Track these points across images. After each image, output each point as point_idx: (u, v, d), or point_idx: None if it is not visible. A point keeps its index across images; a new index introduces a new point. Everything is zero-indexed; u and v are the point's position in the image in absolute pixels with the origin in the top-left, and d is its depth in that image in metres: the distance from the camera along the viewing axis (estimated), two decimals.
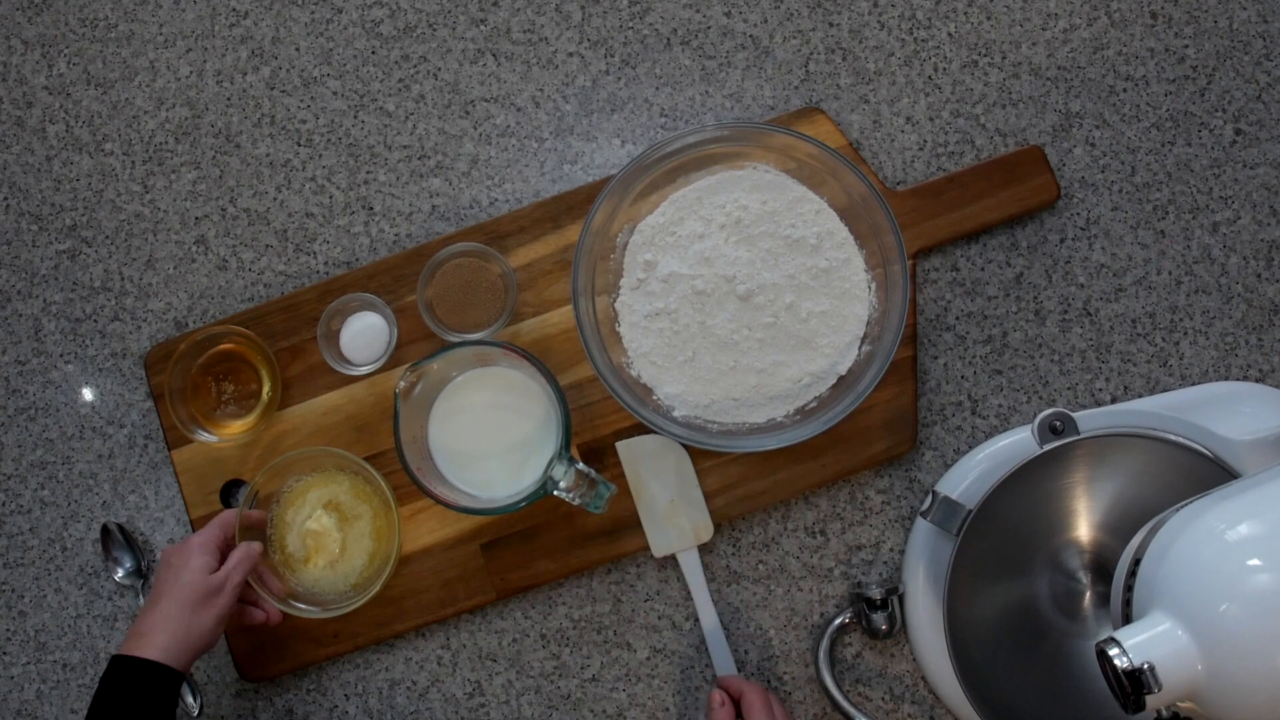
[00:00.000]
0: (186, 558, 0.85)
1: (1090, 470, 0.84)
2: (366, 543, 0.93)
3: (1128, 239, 0.97)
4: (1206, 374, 0.96)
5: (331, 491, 0.94)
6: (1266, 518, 0.61)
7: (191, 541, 0.87)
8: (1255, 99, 0.98)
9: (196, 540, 0.87)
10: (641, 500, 0.93)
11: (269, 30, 1.03)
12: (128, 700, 0.80)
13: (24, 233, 1.02)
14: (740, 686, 0.86)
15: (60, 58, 1.04)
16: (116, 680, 0.80)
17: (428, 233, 1.00)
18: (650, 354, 0.92)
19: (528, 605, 0.96)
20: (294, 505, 0.93)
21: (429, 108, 1.01)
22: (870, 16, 1.00)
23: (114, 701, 0.80)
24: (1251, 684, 0.58)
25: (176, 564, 0.85)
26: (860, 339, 0.92)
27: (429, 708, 0.95)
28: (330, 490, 0.94)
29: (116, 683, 0.80)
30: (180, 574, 0.84)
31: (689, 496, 0.93)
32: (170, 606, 0.83)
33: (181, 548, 0.86)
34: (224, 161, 1.02)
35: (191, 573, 0.84)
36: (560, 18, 1.01)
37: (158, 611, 0.83)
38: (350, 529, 0.93)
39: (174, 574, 0.84)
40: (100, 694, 0.80)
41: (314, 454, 0.92)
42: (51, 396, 1.00)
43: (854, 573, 0.95)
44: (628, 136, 1.00)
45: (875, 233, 0.90)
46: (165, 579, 0.85)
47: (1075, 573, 0.85)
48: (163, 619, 0.82)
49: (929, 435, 0.96)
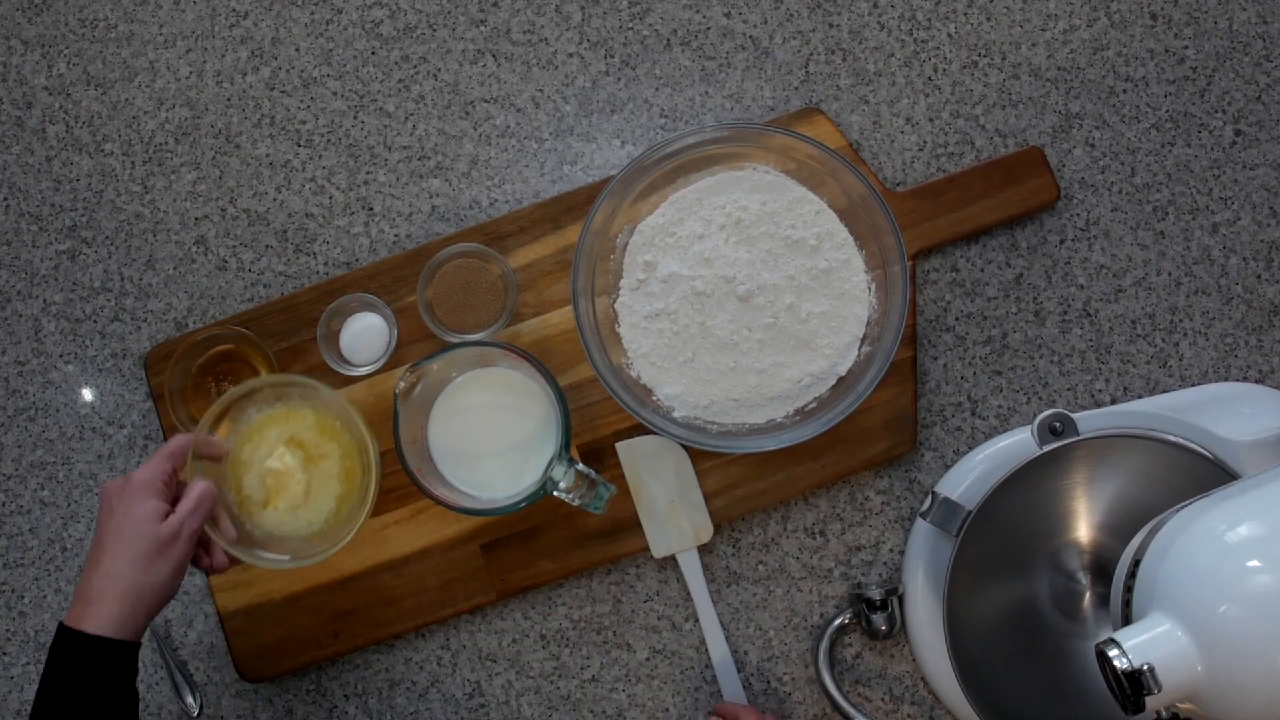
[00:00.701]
0: (131, 502, 0.74)
1: (1090, 471, 0.84)
2: (333, 485, 0.86)
3: (1127, 240, 0.97)
4: (1206, 375, 0.96)
5: (294, 427, 0.86)
6: (1266, 519, 0.61)
7: (135, 480, 0.75)
8: (1255, 100, 0.98)
9: (141, 477, 0.75)
10: (641, 501, 0.93)
11: (269, 31, 1.03)
12: (81, 684, 0.71)
13: (24, 233, 1.02)
14: (736, 713, 0.85)
15: (60, 58, 1.04)
16: (66, 660, 0.71)
17: (428, 233, 1.00)
18: (650, 355, 0.92)
19: (528, 605, 0.96)
20: (252, 441, 0.85)
21: (429, 108, 1.01)
22: (870, 17, 1.00)
23: (66, 686, 0.71)
24: (1251, 684, 0.58)
25: (120, 510, 0.74)
26: (860, 340, 0.92)
27: (429, 708, 0.95)
28: (293, 425, 0.86)
29: (66, 663, 0.71)
30: (126, 523, 0.73)
31: (689, 497, 0.93)
32: (118, 564, 0.72)
33: (123, 488, 0.75)
34: (224, 162, 1.02)
35: (140, 521, 0.73)
36: (560, 18, 1.01)
37: (103, 570, 0.72)
38: (315, 469, 0.86)
39: (118, 522, 0.74)
40: (50, 675, 0.71)
41: (278, 382, 0.84)
42: (51, 397, 1.00)
43: (854, 573, 0.95)
44: (628, 137, 1.00)
45: (875, 233, 0.90)
46: (109, 528, 0.73)
47: (1075, 573, 0.85)
48: (110, 580, 0.72)
49: (929, 436, 0.96)
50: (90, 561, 0.74)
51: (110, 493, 0.75)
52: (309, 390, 0.85)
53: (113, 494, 0.75)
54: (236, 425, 0.86)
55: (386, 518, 0.95)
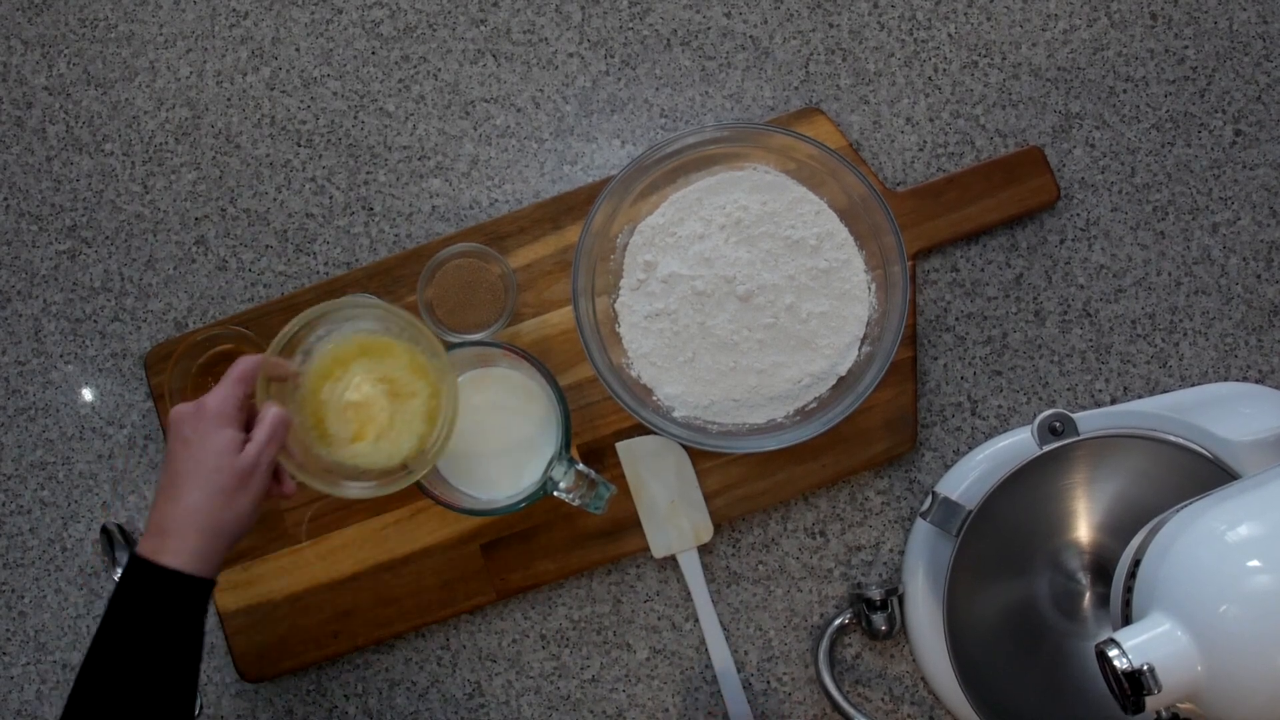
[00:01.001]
0: (206, 432, 0.71)
1: (1090, 471, 0.84)
2: (417, 424, 0.81)
3: (1127, 240, 0.97)
4: (1206, 375, 0.96)
5: (387, 366, 0.81)
6: (1266, 519, 0.61)
7: (209, 408, 0.72)
8: (1255, 100, 0.98)
9: (215, 406, 0.72)
10: (641, 501, 0.93)
11: (269, 30, 1.03)
12: (153, 617, 0.68)
13: (24, 233, 1.02)
14: None
15: (60, 58, 1.04)
16: (139, 591, 0.68)
17: (428, 233, 1.00)
18: (650, 355, 0.92)
19: (528, 606, 0.96)
20: (333, 368, 0.81)
21: (429, 108, 1.01)
22: (870, 17, 1.00)
23: (137, 617, 0.68)
24: (1251, 684, 0.58)
25: (196, 440, 0.71)
26: (860, 340, 0.92)
27: (429, 708, 0.95)
28: (386, 364, 0.81)
29: (139, 594, 0.68)
30: (203, 455, 0.71)
31: (689, 497, 0.93)
32: (198, 497, 0.70)
33: (197, 418, 0.72)
34: (224, 162, 1.02)
35: (218, 454, 0.71)
36: (560, 18, 1.01)
37: (184, 504, 0.70)
38: (402, 406, 0.81)
39: (194, 454, 0.71)
40: (120, 605, 0.69)
41: (363, 307, 0.79)
42: (51, 397, 1.00)
43: (854, 573, 0.95)
44: (628, 137, 1.00)
45: (875, 233, 0.90)
46: (183, 459, 0.71)
47: (1075, 573, 0.85)
48: (191, 514, 0.69)
49: (929, 436, 0.96)
50: (165, 492, 0.71)
51: (182, 420, 0.72)
52: (405, 324, 0.80)
53: (185, 422, 0.72)
54: (313, 350, 0.82)
55: (386, 517, 0.95)
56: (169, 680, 0.69)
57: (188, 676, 0.71)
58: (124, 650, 0.69)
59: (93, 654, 0.70)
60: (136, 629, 0.69)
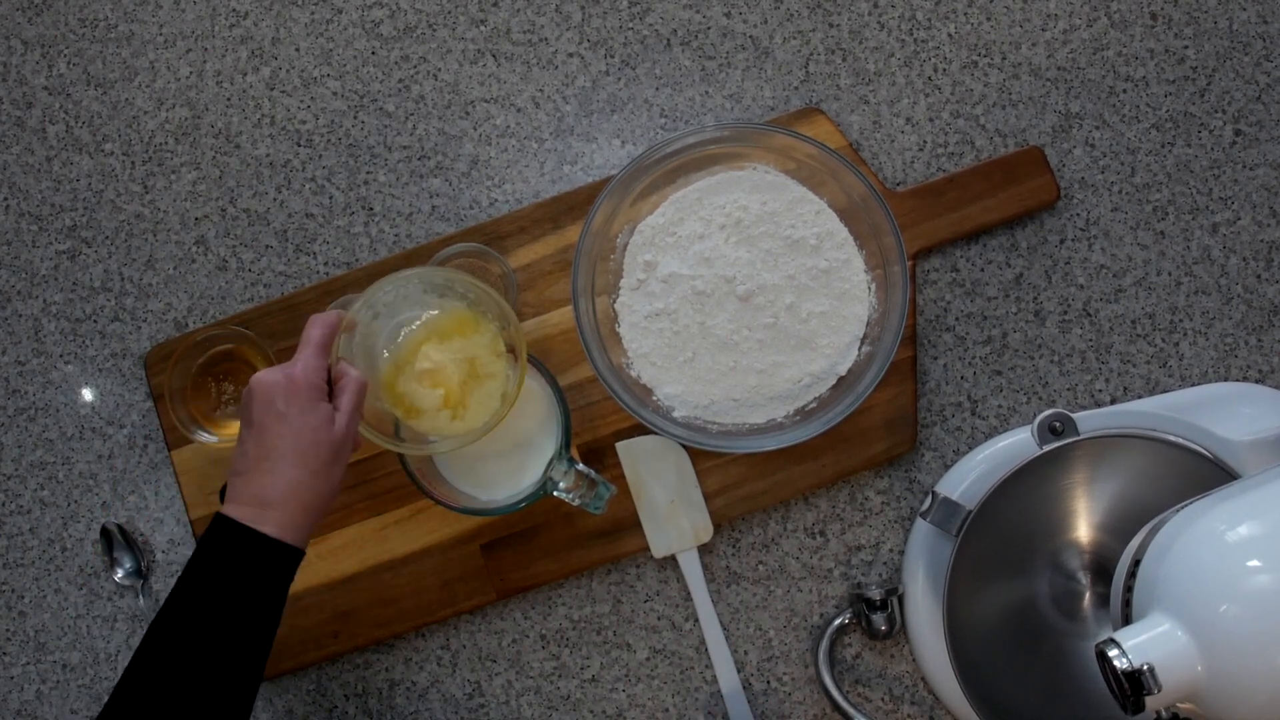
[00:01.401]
0: (303, 407, 0.72)
1: (1090, 471, 0.84)
2: (492, 404, 0.81)
3: (1127, 240, 0.97)
4: (1206, 375, 0.96)
5: (473, 345, 0.80)
6: (1266, 518, 0.61)
7: (300, 382, 0.72)
8: (1255, 100, 0.98)
9: (307, 379, 0.72)
10: (641, 501, 0.93)
11: (269, 30, 1.03)
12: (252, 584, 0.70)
13: (24, 233, 1.02)
14: None
15: (60, 58, 1.04)
16: (238, 556, 0.70)
17: (428, 233, 1.00)
18: (650, 354, 0.92)
19: (528, 605, 0.96)
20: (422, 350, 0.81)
21: (429, 108, 1.01)
22: (870, 17, 1.00)
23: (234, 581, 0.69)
24: (1251, 684, 0.58)
25: (293, 415, 0.72)
26: (860, 339, 0.92)
27: (429, 708, 0.95)
28: (472, 343, 0.80)
29: (238, 560, 0.69)
30: (303, 430, 0.71)
31: (689, 497, 0.93)
32: (298, 474, 0.71)
33: (290, 392, 0.72)
34: (224, 162, 1.02)
35: (316, 429, 0.72)
36: (560, 18, 1.01)
37: (284, 479, 0.71)
38: (480, 386, 0.81)
39: (292, 430, 0.71)
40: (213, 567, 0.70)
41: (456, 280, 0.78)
42: (51, 397, 1.00)
43: (854, 573, 0.95)
44: (628, 137, 1.00)
45: (875, 233, 0.90)
46: (279, 434, 0.71)
47: (1075, 573, 0.85)
48: (294, 489, 0.71)
49: (929, 436, 0.96)
50: (260, 465, 0.71)
51: (274, 393, 0.72)
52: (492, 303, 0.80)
53: (278, 396, 0.72)
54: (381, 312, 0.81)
55: (386, 517, 0.95)
56: (255, 644, 0.71)
57: (267, 644, 0.72)
58: (214, 609, 0.70)
59: (175, 610, 0.71)
60: (231, 591, 0.70)
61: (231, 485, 0.73)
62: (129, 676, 0.71)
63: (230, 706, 0.70)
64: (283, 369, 0.74)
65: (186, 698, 0.69)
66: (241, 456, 0.73)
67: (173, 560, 0.98)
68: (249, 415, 0.73)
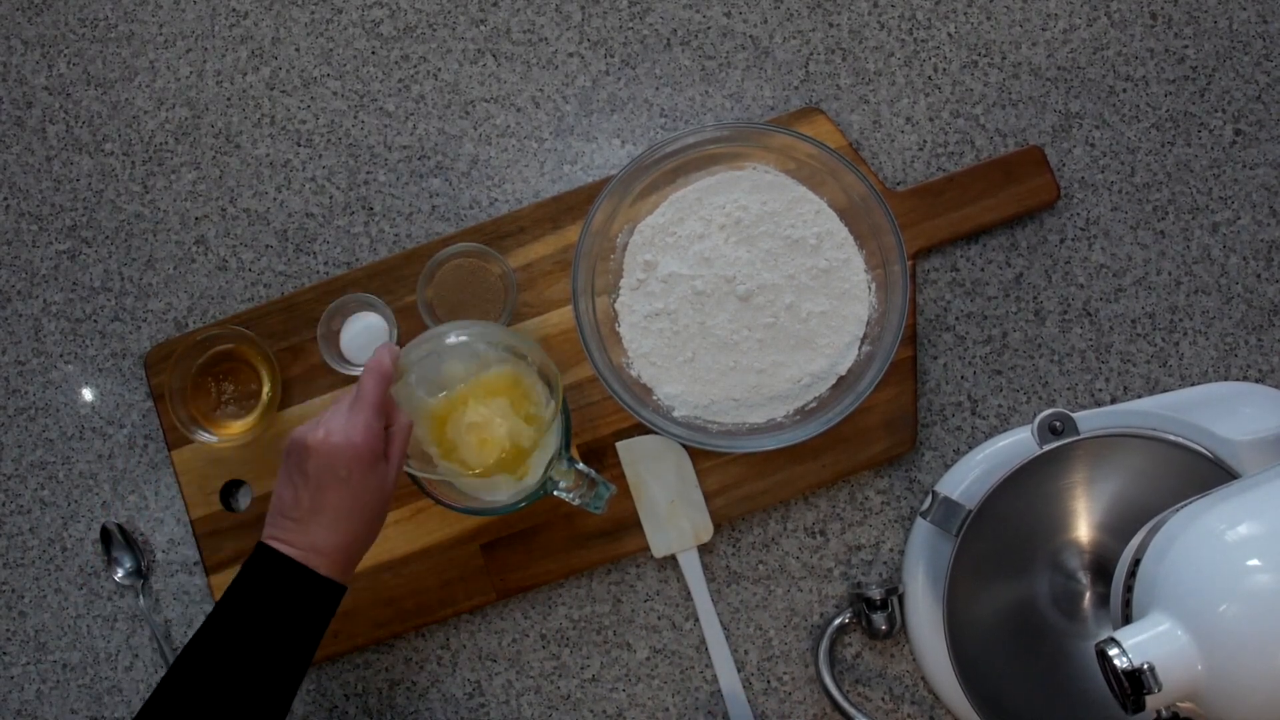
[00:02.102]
0: (367, 473, 0.73)
1: (1090, 470, 0.84)
2: (540, 470, 0.84)
3: (1127, 239, 0.97)
4: (1206, 374, 0.96)
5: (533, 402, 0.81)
6: (1266, 518, 0.61)
7: (363, 449, 0.73)
8: (1255, 99, 0.98)
9: (366, 445, 0.73)
10: (642, 500, 0.93)
11: (269, 30, 1.03)
12: (299, 615, 0.73)
13: (24, 233, 1.02)
14: None
15: (60, 58, 1.04)
16: (286, 587, 0.72)
17: (428, 233, 1.00)
18: (650, 354, 0.92)
19: (528, 605, 0.96)
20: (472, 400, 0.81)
21: (429, 108, 1.01)
22: (870, 17, 1.00)
23: (282, 610, 0.72)
24: (1251, 684, 0.58)
25: (355, 481, 0.73)
26: (860, 339, 0.92)
27: (429, 708, 0.95)
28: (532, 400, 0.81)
29: (287, 590, 0.72)
30: (365, 495, 0.73)
31: (689, 497, 0.93)
32: (356, 527, 0.74)
33: (354, 457, 0.72)
34: (224, 161, 1.02)
35: (377, 491, 0.74)
36: (560, 18, 1.01)
37: (344, 536, 0.73)
38: (537, 456, 0.83)
39: (355, 494, 0.73)
40: (262, 593, 0.72)
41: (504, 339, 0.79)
42: (51, 396, 1.00)
43: (854, 573, 0.95)
44: (628, 137, 1.00)
45: (875, 233, 0.90)
46: (343, 496, 0.73)
47: (1075, 573, 0.85)
48: (351, 544, 0.74)
49: (929, 435, 0.96)
50: (317, 516, 0.73)
51: (336, 460, 0.73)
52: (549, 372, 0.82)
53: (340, 463, 0.73)
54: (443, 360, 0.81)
55: (387, 517, 0.94)
56: (291, 676, 0.74)
57: (301, 676, 0.75)
58: (258, 637, 0.72)
59: (216, 633, 0.73)
60: (277, 621, 0.73)
61: (279, 526, 0.74)
62: (164, 693, 0.72)
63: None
64: (344, 431, 0.73)
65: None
66: (294, 505, 0.74)
67: (173, 560, 0.98)
68: (303, 468, 0.74)
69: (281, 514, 0.75)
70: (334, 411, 0.75)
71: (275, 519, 0.75)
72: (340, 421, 0.74)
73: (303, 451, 0.74)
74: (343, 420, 0.74)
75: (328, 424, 0.74)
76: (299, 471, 0.74)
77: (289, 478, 0.75)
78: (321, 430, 0.73)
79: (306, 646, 0.75)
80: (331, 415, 0.75)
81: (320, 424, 0.74)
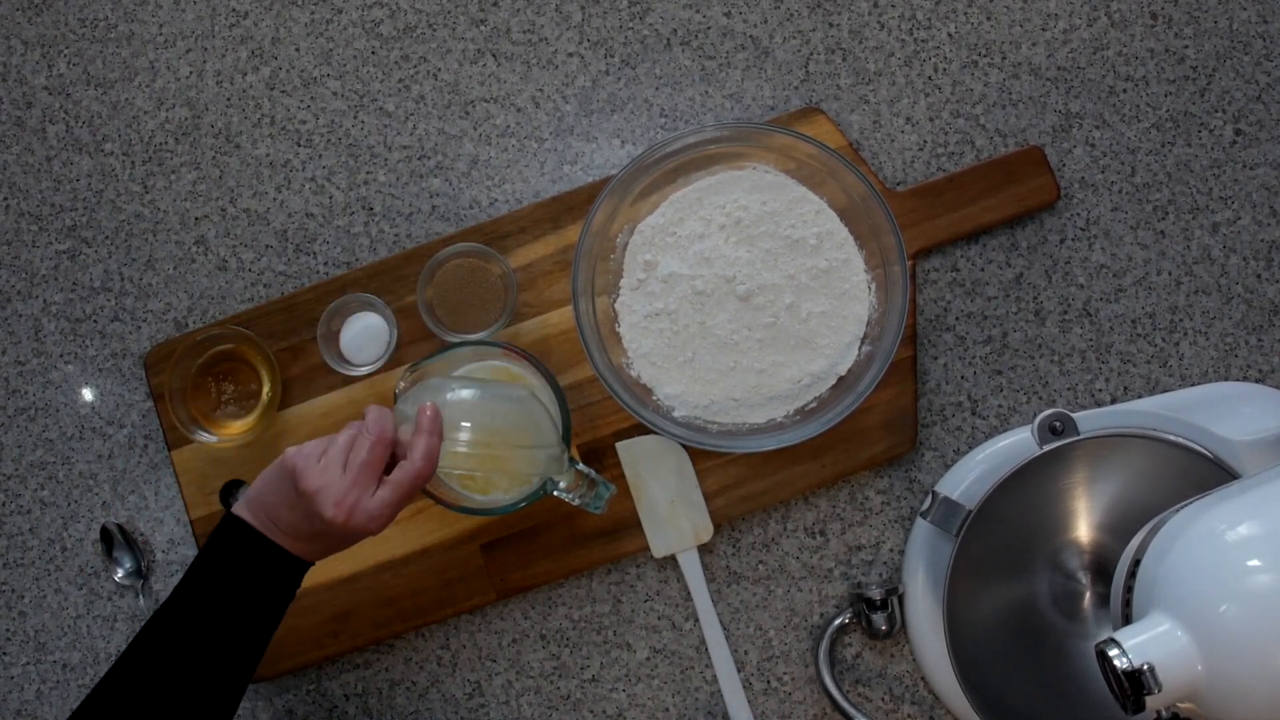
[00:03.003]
0: (366, 530, 0.74)
1: (1090, 471, 0.84)
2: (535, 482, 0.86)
3: (1128, 239, 0.97)
4: (1206, 374, 0.96)
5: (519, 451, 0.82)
6: (1266, 518, 0.61)
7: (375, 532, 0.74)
8: (1255, 99, 0.98)
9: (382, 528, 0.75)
10: (642, 501, 0.93)
11: (269, 30, 1.03)
12: (268, 587, 0.75)
13: (24, 233, 1.02)
14: None
15: (60, 58, 1.04)
16: (251, 555, 0.74)
17: (428, 233, 1.00)
18: (650, 354, 0.92)
19: (528, 605, 0.96)
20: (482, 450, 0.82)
21: (429, 108, 1.01)
22: (870, 17, 1.00)
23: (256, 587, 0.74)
24: (1251, 684, 0.58)
25: (355, 534, 0.75)
26: (860, 339, 0.92)
27: (429, 708, 0.95)
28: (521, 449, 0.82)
29: (251, 558, 0.74)
30: (352, 531, 0.74)
31: (689, 498, 0.93)
32: (339, 545, 0.77)
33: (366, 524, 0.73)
34: (224, 162, 1.02)
35: (365, 526, 0.74)
36: (560, 18, 1.01)
37: (325, 546, 0.76)
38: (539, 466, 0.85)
39: (345, 528, 0.73)
40: (225, 558, 0.74)
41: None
42: (51, 397, 1.00)
43: (854, 573, 0.95)
44: (628, 137, 1.00)
45: (875, 233, 0.90)
46: (336, 532, 0.74)
47: (1075, 573, 0.85)
48: (330, 551, 0.77)
49: (929, 436, 0.96)
50: (301, 530, 0.74)
51: (348, 535, 0.74)
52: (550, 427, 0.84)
53: (350, 536, 0.75)
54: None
55: None
56: (254, 643, 0.76)
57: (263, 646, 0.77)
58: (222, 603, 0.74)
59: (181, 602, 0.75)
60: (242, 588, 0.74)
61: (264, 525, 0.75)
62: (124, 662, 0.74)
63: (220, 702, 0.75)
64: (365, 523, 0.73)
65: (178, 688, 0.73)
66: (290, 525, 0.75)
67: (173, 560, 0.98)
68: (308, 514, 0.74)
69: (271, 519, 0.75)
70: (358, 483, 0.73)
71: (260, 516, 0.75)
72: (364, 508, 0.73)
73: (311, 509, 0.73)
74: (367, 508, 0.73)
75: (350, 502, 0.73)
76: (303, 514, 0.74)
77: (288, 504, 0.74)
78: (343, 511, 0.73)
79: (272, 616, 0.76)
80: (354, 489, 0.73)
81: (342, 497, 0.73)
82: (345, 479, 0.73)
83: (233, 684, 0.75)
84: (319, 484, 0.73)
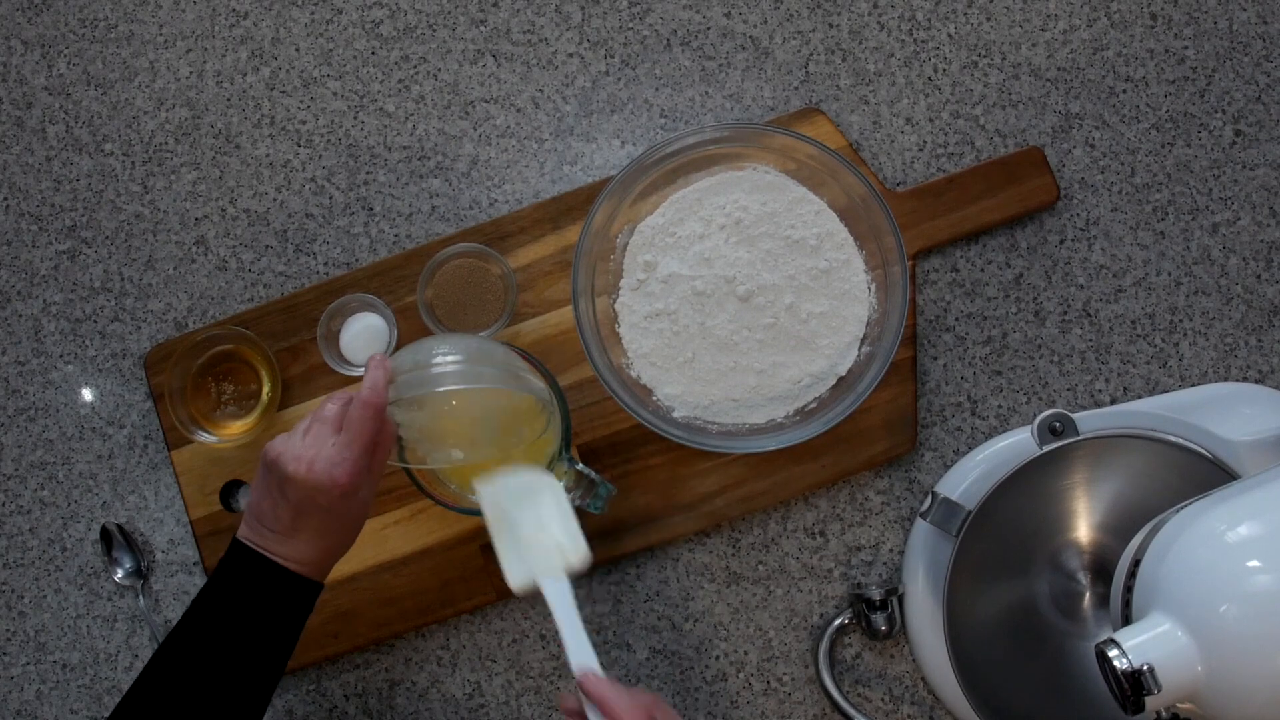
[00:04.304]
0: (347, 503, 0.73)
1: (1090, 471, 0.84)
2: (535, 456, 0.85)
3: (1127, 240, 0.97)
4: (1206, 375, 0.96)
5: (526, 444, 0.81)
6: (1266, 519, 0.61)
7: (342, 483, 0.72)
8: (1255, 100, 0.98)
9: (349, 482, 0.72)
10: (501, 534, 0.79)
11: (269, 31, 1.03)
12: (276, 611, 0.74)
13: (24, 233, 1.02)
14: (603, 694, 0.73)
15: (60, 58, 1.04)
16: (262, 584, 0.73)
17: (428, 233, 1.00)
18: (650, 355, 0.92)
19: (528, 605, 0.96)
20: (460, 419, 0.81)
21: (429, 108, 1.01)
22: (870, 17, 1.00)
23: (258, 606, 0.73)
24: (1251, 684, 0.58)
25: (338, 510, 0.73)
26: (860, 340, 0.92)
27: (429, 708, 0.95)
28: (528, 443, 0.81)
29: (262, 587, 0.73)
30: (345, 521, 0.74)
31: (564, 526, 0.80)
32: (335, 541, 0.75)
33: (333, 490, 0.72)
34: (224, 162, 1.02)
35: (358, 509, 0.75)
36: (560, 18, 1.01)
37: (320, 546, 0.75)
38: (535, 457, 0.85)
39: (337, 520, 0.74)
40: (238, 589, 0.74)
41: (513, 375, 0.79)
42: (51, 397, 1.00)
43: (854, 573, 0.95)
44: (628, 137, 1.00)
45: (875, 234, 0.90)
46: (324, 520, 0.74)
47: (1075, 573, 0.85)
48: (327, 551, 0.75)
49: (929, 436, 0.96)
50: (296, 533, 0.74)
51: (315, 492, 0.72)
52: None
53: (321, 495, 0.72)
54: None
55: (386, 518, 0.95)
56: (268, 673, 0.76)
57: (278, 674, 0.76)
58: (234, 633, 0.74)
59: (192, 629, 0.74)
60: (254, 617, 0.74)
61: (257, 532, 0.75)
62: (138, 690, 0.73)
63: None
64: (328, 470, 0.71)
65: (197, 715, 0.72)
66: (273, 519, 0.74)
67: (172, 560, 0.98)
68: (282, 490, 0.73)
69: (259, 521, 0.75)
70: (317, 437, 0.73)
71: (253, 524, 0.75)
72: (324, 456, 0.72)
73: (282, 478, 0.72)
74: (327, 455, 0.72)
75: (310, 455, 0.72)
76: (278, 490, 0.73)
77: (267, 490, 0.74)
78: (304, 464, 0.72)
79: (284, 644, 0.76)
80: (314, 442, 0.73)
81: (302, 452, 0.72)
82: (304, 438, 0.73)
83: (246, 713, 0.74)
84: (281, 448, 0.73)
